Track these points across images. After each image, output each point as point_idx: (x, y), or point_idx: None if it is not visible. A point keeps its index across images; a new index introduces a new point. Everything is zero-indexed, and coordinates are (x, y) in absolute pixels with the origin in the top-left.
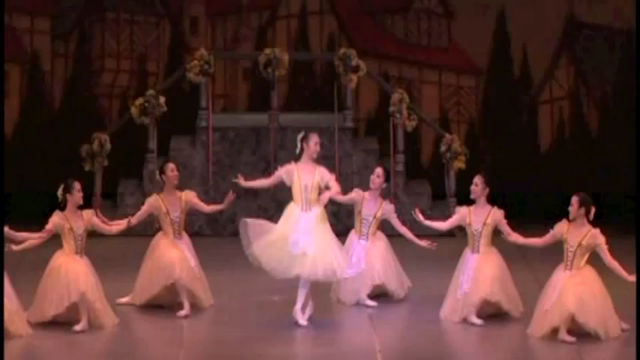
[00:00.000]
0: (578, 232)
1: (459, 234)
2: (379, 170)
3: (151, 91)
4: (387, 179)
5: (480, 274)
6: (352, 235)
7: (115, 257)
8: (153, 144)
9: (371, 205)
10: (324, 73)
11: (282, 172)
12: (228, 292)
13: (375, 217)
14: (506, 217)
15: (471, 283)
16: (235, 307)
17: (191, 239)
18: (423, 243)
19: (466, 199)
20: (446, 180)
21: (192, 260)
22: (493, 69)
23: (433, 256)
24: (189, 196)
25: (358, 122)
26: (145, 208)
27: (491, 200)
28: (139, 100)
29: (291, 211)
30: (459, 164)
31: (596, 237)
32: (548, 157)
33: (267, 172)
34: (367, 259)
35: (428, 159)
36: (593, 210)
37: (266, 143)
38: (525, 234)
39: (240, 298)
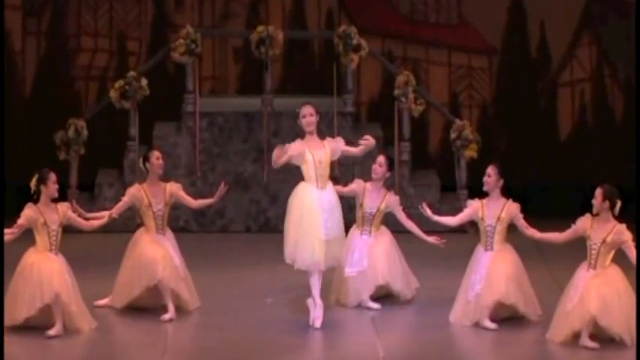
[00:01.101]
0: (602, 228)
1: (471, 230)
2: (381, 159)
3: (132, 73)
4: (390, 168)
5: (493, 273)
6: (353, 231)
7: (93, 255)
8: (134, 131)
9: (374, 197)
10: (322, 53)
11: (293, 148)
12: (216, 294)
13: (378, 209)
14: (523, 211)
15: (483, 284)
16: (224, 309)
17: (176, 235)
18: (431, 239)
19: (478, 192)
20: (456, 170)
21: (176, 258)
22: (508, 48)
23: (442, 254)
24: (174, 188)
25: (359, 107)
26: (125, 199)
27: (506, 193)
28: (119, 83)
29: (307, 193)
30: (471, 153)
31: (621, 233)
32: (568, 145)
33: (259, 161)
34: (370, 257)
35: (436, 147)
36: (619, 204)
37: (258, 130)
38: (543, 231)
39: (230, 300)
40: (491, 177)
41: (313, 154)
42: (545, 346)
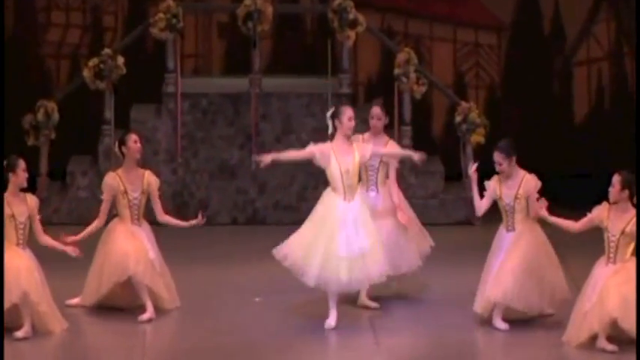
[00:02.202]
0: (621, 218)
1: (478, 222)
2: (376, 111)
3: (107, 51)
4: (387, 114)
5: (501, 267)
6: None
7: None
8: (110, 114)
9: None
10: (315, 29)
11: (316, 151)
12: (199, 292)
13: (381, 160)
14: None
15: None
16: (208, 309)
17: (155, 228)
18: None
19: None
20: (462, 157)
21: (151, 252)
22: (518, 24)
23: (449, 248)
24: (153, 180)
25: (356, 88)
26: (106, 197)
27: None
28: (93, 61)
29: (331, 205)
30: (478, 138)
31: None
32: (584, 128)
33: (246, 147)
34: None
35: (440, 132)
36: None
37: (246, 113)
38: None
39: (215, 299)
40: (502, 165)
41: (340, 162)
42: (560, 349)
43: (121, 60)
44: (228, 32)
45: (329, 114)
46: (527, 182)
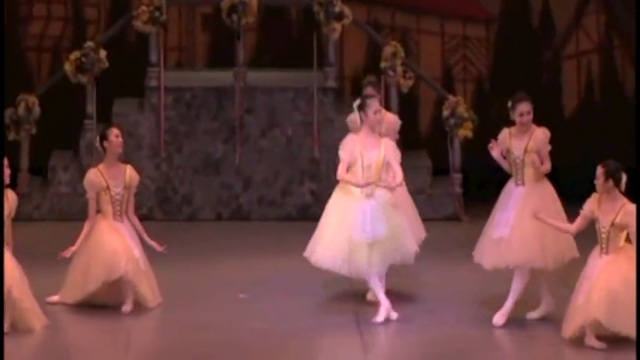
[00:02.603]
0: (610, 208)
1: (466, 218)
2: (370, 90)
3: (89, 43)
4: (379, 91)
5: (516, 232)
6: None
7: (44, 246)
8: (92, 108)
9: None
10: (300, 22)
11: (347, 155)
12: (183, 289)
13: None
14: None
15: (509, 230)
16: (192, 306)
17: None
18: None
19: (474, 176)
20: (449, 151)
21: (136, 250)
22: (507, 16)
23: (437, 246)
24: (134, 175)
25: (342, 81)
26: (91, 195)
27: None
28: (75, 55)
29: (348, 193)
30: (465, 132)
31: (628, 215)
32: (573, 122)
33: (230, 141)
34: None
35: (427, 126)
36: (624, 179)
37: (230, 106)
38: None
39: (198, 296)
40: (530, 114)
41: (364, 156)
42: (558, 347)
43: (103, 53)
44: (212, 25)
45: (356, 104)
46: (538, 135)
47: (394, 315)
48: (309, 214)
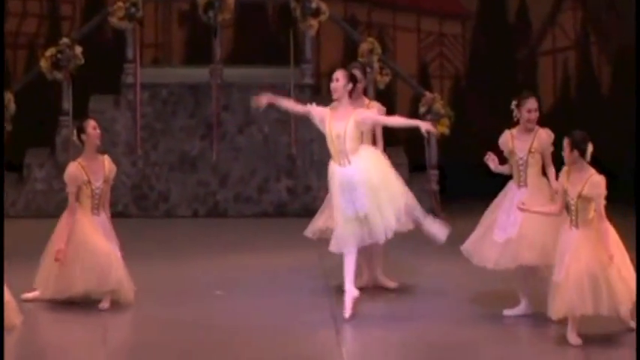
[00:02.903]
0: (577, 180)
1: (443, 214)
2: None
3: (65, 40)
4: (351, 80)
5: (528, 231)
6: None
7: (21, 243)
8: (67, 105)
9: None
10: (277, 18)
11: (314, 112)
12: (159, 286)
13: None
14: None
15: (517, 229)
16: (168, 303)
17: (114, 221)
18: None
19: (450, 172)
20: (426, 148)
21: (117, 250)
22: (483, 13)
23: (413, 240)
24: (112, 167)
25: (319, 78)
26: (72, 189)
27: (482, 174)
28: (51, 51)
29: (331, 171)
30: (442, 129)
31: (594, 186)
32: (550, 119)
33: (207, 138)
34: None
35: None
36: (589, 149)
37: (207, 103)
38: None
39: (175, 293)
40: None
41: (332, 126)
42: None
43: (79, 50)
44: (188, 21)
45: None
46: (542, 136)
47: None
48: (286, 211)
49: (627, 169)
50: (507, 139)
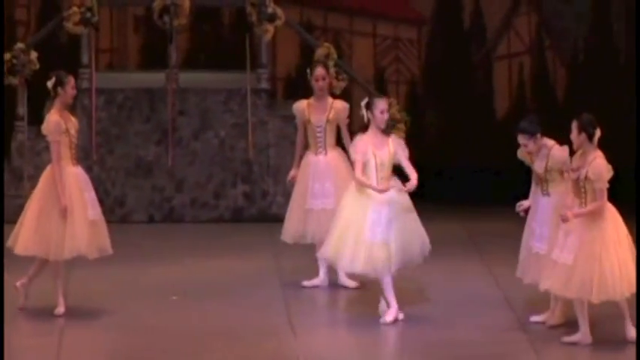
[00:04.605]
0: (584, 162)
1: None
2: (320, 71)
3: (19, 45)
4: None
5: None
6: (309, 156)
7: None
8: (23, 110)
9: (320, 110)
10: (233, 23)
11: (359, 157)
12: (114, 291)
13: (327, 120)
14: (458, 198)
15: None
16: (124, 309)
17: None
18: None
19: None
20: None
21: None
22: (438, 18)
23: None
24: (76, 121)
25: (275, 83)
26: (55, 138)
27: (436, 176)
28: (5, 56)
29: (364, 194)
30: (399, 134)
31: (594, 169)
32: (505, 124)
33: (163, 143)
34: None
35: (360, 128)
36: (597, 133)
37: (162, 108)
38: (481, 216)
39: (130, 299)
40: (528, 146)
41: (376, 155)
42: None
43: (34, 55)
44: (144, 26)
45: (363, 103)
46: (553, 156)
47: (401, 315)
48: (242, 216)
49: None
50: (525, 156)
